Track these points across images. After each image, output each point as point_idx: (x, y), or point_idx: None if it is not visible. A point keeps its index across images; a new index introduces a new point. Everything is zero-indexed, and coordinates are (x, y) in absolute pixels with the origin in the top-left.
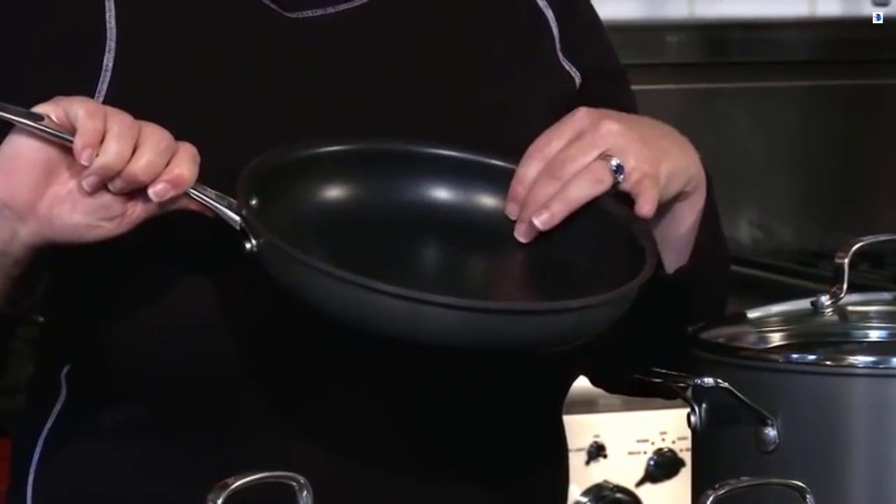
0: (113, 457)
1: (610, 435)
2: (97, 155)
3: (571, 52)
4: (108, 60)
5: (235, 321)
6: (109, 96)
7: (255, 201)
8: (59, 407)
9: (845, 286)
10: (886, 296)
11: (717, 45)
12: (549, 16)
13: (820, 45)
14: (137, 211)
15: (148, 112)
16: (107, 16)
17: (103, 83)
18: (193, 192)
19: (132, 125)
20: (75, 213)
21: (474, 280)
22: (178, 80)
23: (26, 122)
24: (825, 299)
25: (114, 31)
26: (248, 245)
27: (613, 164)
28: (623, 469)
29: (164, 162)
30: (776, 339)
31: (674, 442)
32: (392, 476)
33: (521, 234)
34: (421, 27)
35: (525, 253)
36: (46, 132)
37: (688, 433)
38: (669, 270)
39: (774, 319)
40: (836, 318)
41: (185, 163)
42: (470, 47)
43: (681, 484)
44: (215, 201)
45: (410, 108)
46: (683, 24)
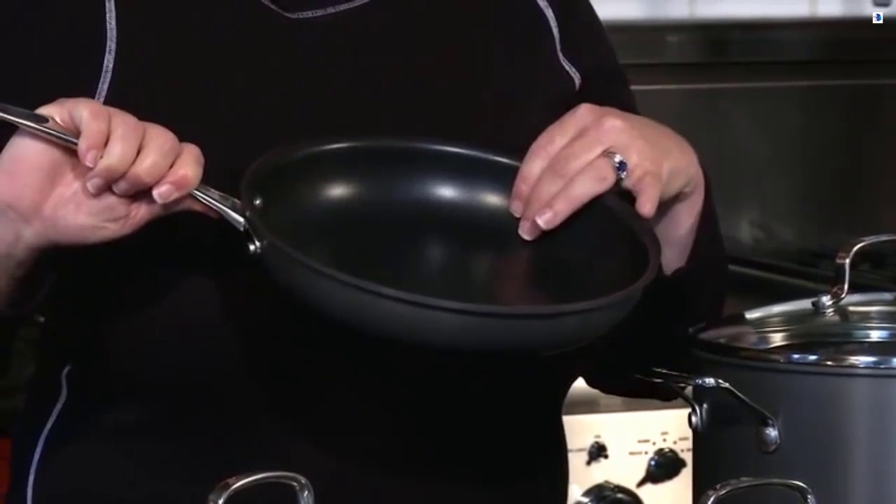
0: (113, 457)
1: (611, 435)
2: (101, 157)
3: (571, 52)
4: (109, 61)
5: (237, 322)
6: (110, 97)
7: (258, 201)
8: (59, 407)
9: (846, 286)
10: (887, 296)
11: (717, 45)
12: (550, 16)
13: (820, 45)
14: (142, 212)
15: (148, 113)
16: (107, 17)
17: (103, 84)
18: (197, 194)
19: (136, 127)
20: (80, 214)
21: (478, 280)
22: (179, 81)
23: (30, 124)
24: (826, 299)
25: (114, 32)
26: (251, 247)
27: (616, 160)
28: (624, 469)
29: (168, 163)
30: (777, 339)
31: (675, 442)
32: (392, 476)
33: (525, 232)
34: (421, 27)
35: (528, 252)
36: (51, 134)
37: (689, 433)
38: (668, 271)
39: (775, 320)
40: (837, 318)
41: (190, 164)
42: (470, 48)
43: (682, 484)
44: (219, 202)
45: (411, 108)
46: (684, 24)
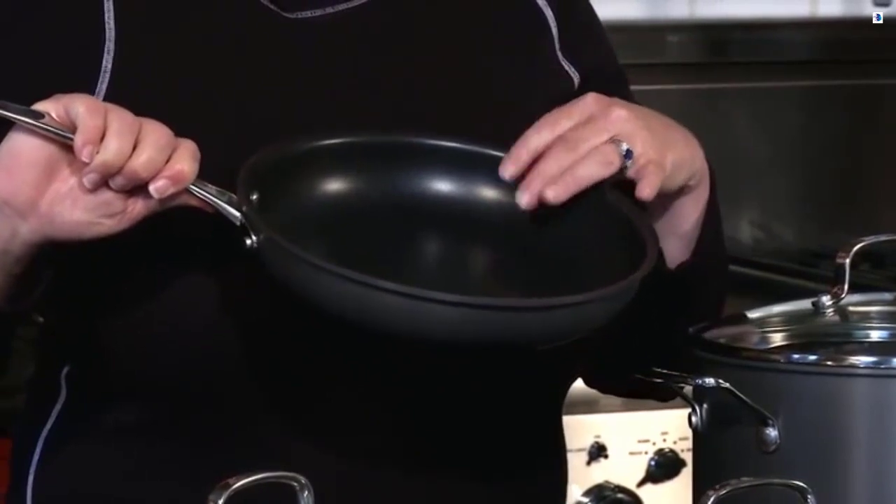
0: (113, 457)
1: (611, 435)
2: (98, 152)
3: (571, 52)
4: (108, 61)
5: (236, 320)
6: (108, 97)
7: (255, 196)
8: (59, 407)
9: (846, 286)
10: (887, 296)
11: (717, 45)
12: (549, 15)
13: (821, 45)
14: (138, 208)
15: (147, 113)
16: (106, 16)
17: (102, 84)
18: (194, 189)
19: (132, 122)
20: (76, 210)
21: (475, 274)
22: (177, 81)
23: (27, 119)
24: (826, 299)
25: (113, 32)
26: (248, 241)
27: (623, 148)
28: (624, 469)
29: (164, 158)
30: (777, 339)
31: (675, 442)
32: (392, 476)
33: (523, 202)
34: (420, 27)
35: (526, 244)
36: (47, 130)
37: (689, 433)
38: (672, 265)
39: (775, 320)
40: (837, 318)
41: (186, 159)
42: (469, 47)
43: (682, 484)
44: (216, 197)
45: (410, 108)
46: (684, 24)
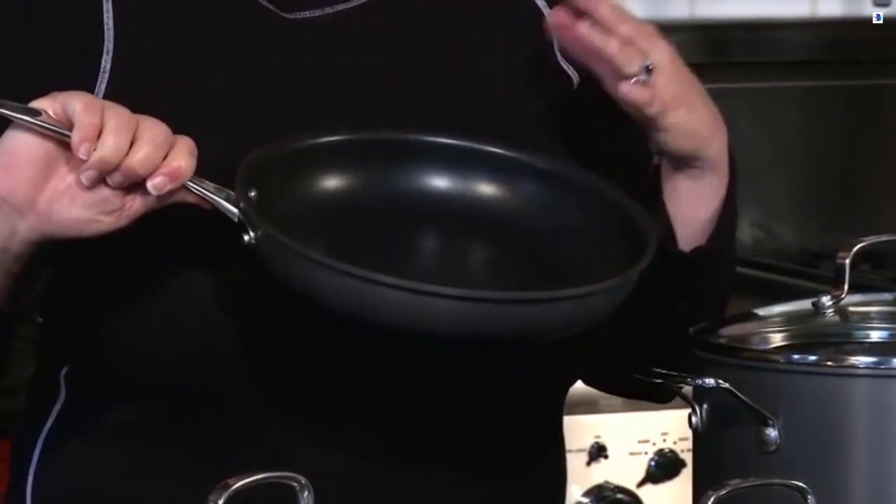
0: (113, 457)
1: (611, 435)
2: (95, 149)
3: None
4: (107, 62)
5: (234, 318)
6: (108, 97)
7: (253, 193)
8: (58, 407)
9: (846, 286)
10: (887, 296)
11: (717, 45)
12: (549, 15)
13: (821, 45)
14: (136, 204)
15: (146, 113)
16: (105, 17)
17: (101, 84)
18: (192, 185)
19: (129, 119)
20: (74, 207)
21: (474, 269)
22: (176, 82)
23: (24, 117)
24: (826, 300)
25: (112, 33)
26: (246, 238)
27: (647, 63)
28: (624, 470)
29: (161, 155)
30: (777, 339)
31: (675, 442)
32: (391, 476)
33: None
34: (419, 27)
35: (525, 239)
36: (44, 127)
37: (689, 434)
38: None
39: (776, 320)
40: (837, 318)
41: (183, 155)
42: (468, 47)
43: (682, 484)
44: (213, 194)
45: (409, 107)
46: (684, 25)
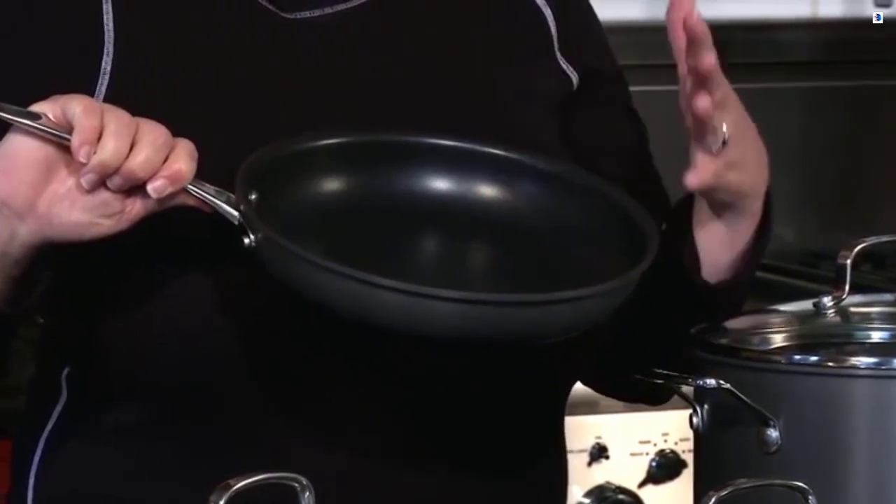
0: (114, 457)
1: (612, 436)
2: (95, 152)
3: (570, 52)
4: (107, 64)
5: (235, 320)
6: (108, 99)
7: (254, 196)
8: (59, 408)
9: (847, 287)
10: (888, 297)
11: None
12: (548, 15)
13: (821, 46)
14: (136, 208)
15: (146, 114)
16: (105, 19)
17: (102, 86)
18: (192, 188)
19: (129, 122)
20: (74, 210)
21: (474, 271)
22: (177, 82)
23: (24, 121)
24: (827, 300)
25: (112, 35)
26: (246, 240)
27: (726, 134)
28: (625, 470)
29: (161, 158)
30: (778, 340)
31: (676, 443)
32: (392, 476)
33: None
34: (419, 27)
35: (525, 241)
36: (44, 131)
37: (690, 434)
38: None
39: (777, 320)
40: (838, 319)
41: (183, 158)
42: (468, 47)
43: (683, 485)
44: (214, 197)
45: (408, 107)
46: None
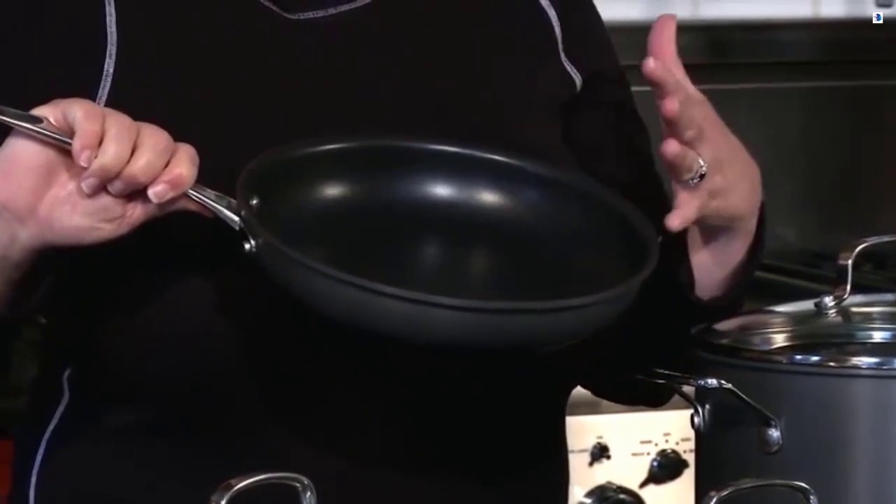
0: (115, 458)
1: (613, 436)
2: (96, 156)
3: (574, 54)
4: (109, 66)
5: (236, 323)
6: (111, 101)
7: (255, 201)
8: (61, 409)
9: (849, 287)
10: (890, 297)
11: (719, 46)
12: (552, 16)
13: (823, 46)
14: (137, 212)
15: (149, 116)
16: (107, 20)
17: (104, 88)
18: (193, 193)
19: (130, 126)
20: (75, 214)
21: (476, 278)
22: (179, 85)
23: (25, 125)
24: (829, 300)
25: (114, 36)
26: (247, 246)
27: (702, 169)
28: (626, 470)
29: (163, 162)
30: (780, 340)
31: (677, 443)
32: (393, 477)
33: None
34: (422, 28)
35: (527, 248)
36: (45, 135)
37: (691, 434)
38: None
39: (778, 321)
40: (839, 319)
41: (184, 163)
42: (471, 48)
43: (684, 485)
44: (214, 202)
45: (411, 109)
46: (687, 25)
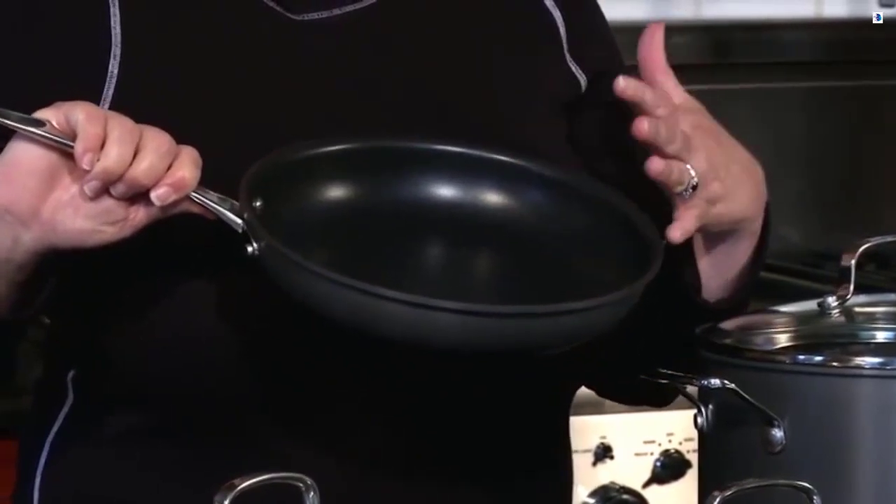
0: (119, 460)
1: (616, 436)
2: (98, 159)
3: (578, 53)
4: (114, 67)
5: (238, 325)
6: (115, 102)
7: (258, 203)
8: (65, 410)
9: (852, 287)
10: (893, 297)
11: (722, 45)
12: (557, 16)
13: (825, 46)
14: (140, 215)
15: (153, 117)
16: (112, 21)
17: (109, 89)
18: (196, 196)
19: (133, 129)
20: (78, 217)
21: (479, 280)
22: (183, 86)
23: (28, 128)
24: (832, 300)
25: (119, 38)
26: (249, 248)
27: (693, 182)
28: (630, 470)
29: (165, 165)
30: (783, 340)
31: (680, 443)
32: (396, 481)
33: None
34: (426, 29)
35: (530, 250)
36: (48, 138)
37: (694, 434)
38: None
39: (781, 321)
40: (842, 319)
41: (187, 165)
42: (476, 49)
43: (687, 485)
44: (217, 204)
45: (416, 110)
46: (689, 25)
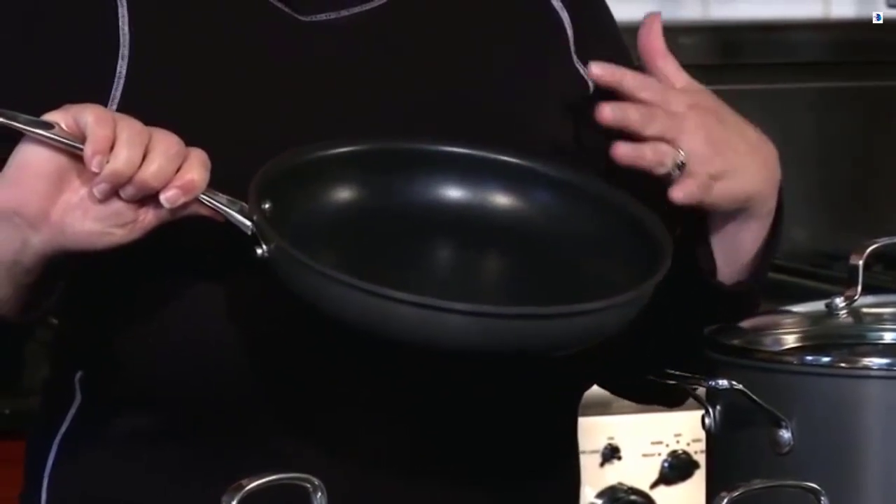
0: (126, 462)
1: (624, 437)
2: (107, 162)
3: (586, 54)
4: (122, 67)
5: (246, 327)
6: (123, 103)
7: (267, 205)
8: (73, 411)
9: (860, 288)
10: None
11: (730, 46)
12: (565, 17)
13: (833, 46)
14: (149, 217)
15: (161, 118)
16: (120, 22)
17: (117, 90)
18: (205, 198)
19: (142, 131)
20: (87, 220)
21: (488, 281)
22: (191, 87)
23: (36, 130)
24: (840, 301)
25: (128, 38)
26: (259, 251)
27: (679, 160)
28: (637, 471)
29: (174, 167)
30: (790, 341)
31: (688, 444)
32: (401, 481)
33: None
34: (435, 30)
35: (539, 251)
36: (57, 141)
37: (702, 435)
38: (725, 280)
39: (789, 321)
40: (850, 319)
41: (196, 168)
42: (485, 50)
43: (695, 486)
44: (226, 206)
45: (425, 110)
46: (697, 26)
